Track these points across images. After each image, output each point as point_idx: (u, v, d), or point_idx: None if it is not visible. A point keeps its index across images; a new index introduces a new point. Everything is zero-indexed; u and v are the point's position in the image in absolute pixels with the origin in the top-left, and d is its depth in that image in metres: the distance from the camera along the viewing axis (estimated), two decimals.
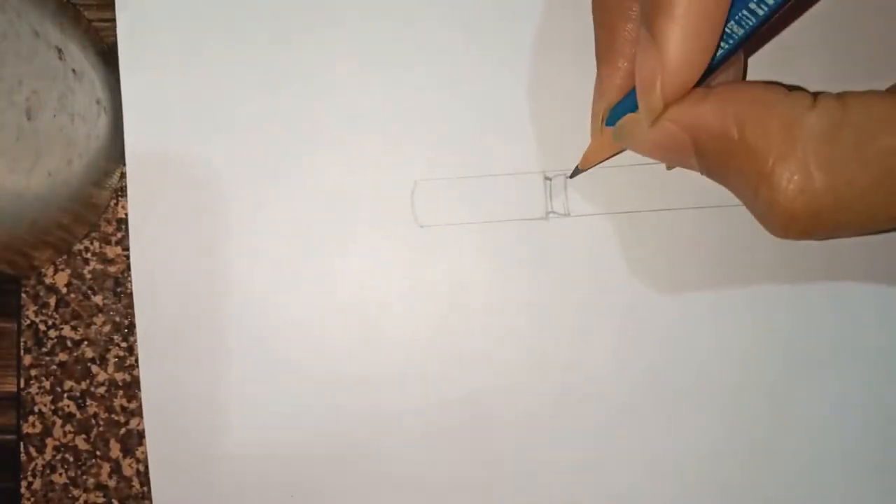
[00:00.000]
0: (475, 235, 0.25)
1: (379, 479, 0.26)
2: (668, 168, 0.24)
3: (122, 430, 0.27)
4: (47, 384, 0.27)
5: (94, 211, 0.27)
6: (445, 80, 0.26)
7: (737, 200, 0.22)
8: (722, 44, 0.19)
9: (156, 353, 0.26)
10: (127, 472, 0.27)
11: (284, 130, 0.26)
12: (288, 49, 0.26)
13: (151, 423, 0.26)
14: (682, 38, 0.18)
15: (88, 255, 0.27)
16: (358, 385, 0.26)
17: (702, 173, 0.20)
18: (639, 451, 0.25)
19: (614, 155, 0.24)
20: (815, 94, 0.18)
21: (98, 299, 0.27)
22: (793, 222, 0.18)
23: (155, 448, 0.26)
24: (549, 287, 0.25)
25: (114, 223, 0.27)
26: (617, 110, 0.21)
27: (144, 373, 0.26)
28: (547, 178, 0.25)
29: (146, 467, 0.26)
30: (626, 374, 0.25)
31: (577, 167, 0.24)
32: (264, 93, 0.26)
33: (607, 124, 0.22)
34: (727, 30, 0.19)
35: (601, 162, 0.24)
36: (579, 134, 0.25)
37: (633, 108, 0.20)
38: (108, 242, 0.27)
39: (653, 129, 0.19)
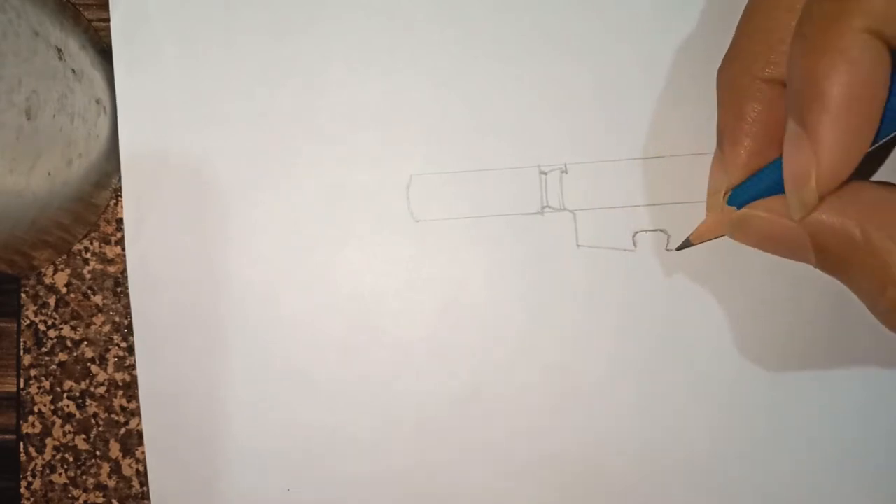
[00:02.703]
0: (471, 230, 0.26)
1: (374, 473, 0.26)
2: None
3: (122, 430, 0.27)
4: (47, 384, 0.27)
5: (93, 211, 0.27)
6: (441, 75, 0.26)
7: None
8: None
9: (153, 351, 0.26)
10: (127, 472, 0.27)
11: (280, 127, 0.26)
12: (283, 46, 0.26)
13: (149, 421, 0.26)
14: (837, 132, 0.17)
15: (88, 255, 0.27)
16: (354, 380, 0.26)
17: (818, 268, 0.20)
18: (637, 446, 0.25)
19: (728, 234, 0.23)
20: None
21: (98, 299, 0.27)
22: None
23: (153, 446, 0.26)
24: (544, 281, 0.25)
25: (113, 223, 0.27)
26: (741, 190, 0.21)
27: (142, 371, 0.26)
28: (542, 173, 0.25)
29: (146, 467, 0.26)
30: (623, 369, 0.25)
31: (687, 240, 0.24)
32: (260, 90, 0.26)
33: (730, 203, 0.22)
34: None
35: (714, 238, 0.23)
36: (575, 128, 0.25)
37: (759, 189, 0.20)
38: (108, 242, 0.27)
39: (771, 224, 0.19)
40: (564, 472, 0.25)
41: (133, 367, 0.26)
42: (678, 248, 0.24)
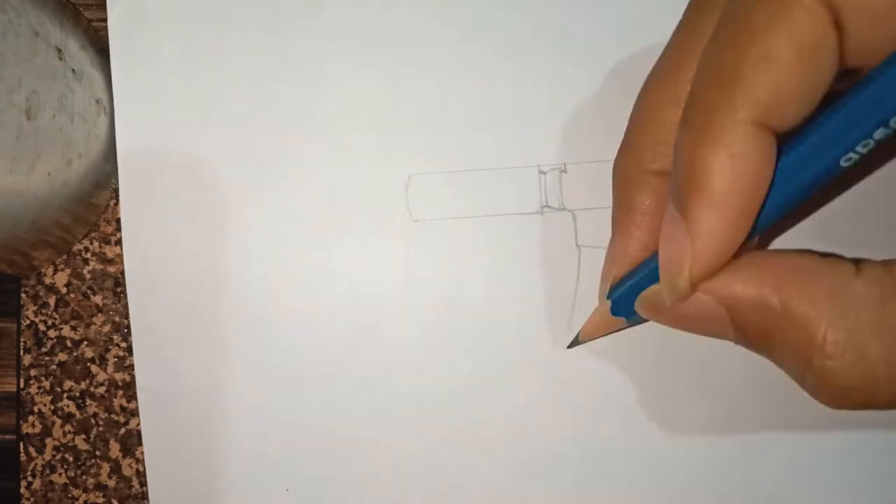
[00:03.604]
0: (470, 230, 0.26)
1: (374, 472, 0.26)
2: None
3: (122, 430, 0.27)
4: (47, 384, 0.27)
5: (93, 211, 0.27)
6: (440, 75, 0.26)
7: None
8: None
9: (151, 351, 0.26)
10: (126, 472, 0.27)
11: (279, 127, 0.26)
12: (281, 44, 0.26)
13: (148, 421, 0.26)
14: (715, 223, 0.17)
15: (88, 255, 0.27)
16: (353, 379, 0.26)
17: (739, 344, 0.19)
18: (637, 445, 0.25)
19: (618, 330, 0.23)
20: (856, 261, 0.18)
21: (98, 299, 0.27)
22: (850, 393, 0.17)
23: (151, 446, 0.26)
24: (544, 281, 0.25)
25: (113, 223, 0.27)
26: (627, 283, 0.21)
27: (140, 371, 0.26)
28: (542, 172, 0.25)
29: (146, 467, 0.26)
30: (623, 368, 0.25)
31: (576, 337, 0.24)
32: (258, 89, 0.26)
33: (608, 297, 0.22)
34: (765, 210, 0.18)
35: (605, 335, 0.23)
36: (574, 128, 0.25)
37: (647, 281, 0.20)
38: (108, 242, 0.27)
39: (686, 302, 0.19)
40: (564, 471, 0.25)
41: (133, 367, 0.26)
42: (569, 346, 0.24)
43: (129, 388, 0.27)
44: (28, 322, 0.27)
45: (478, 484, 0.26)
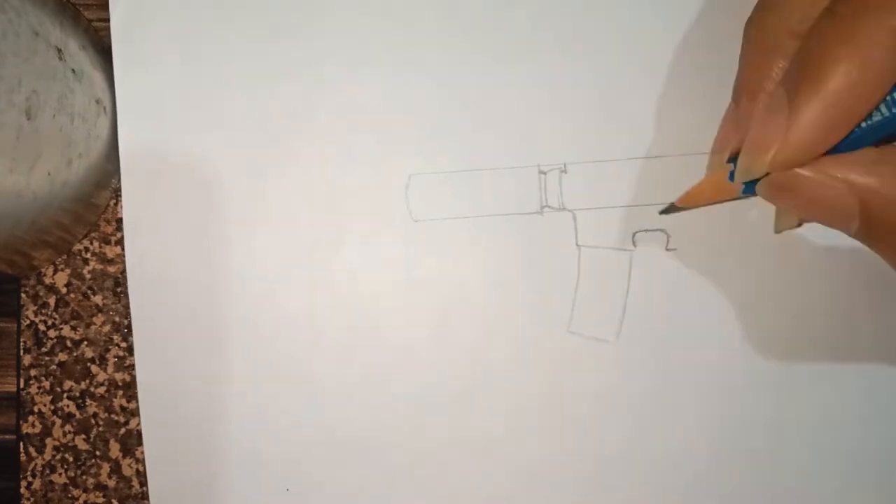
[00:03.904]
0: (470, 229, 0.26)
1: (373, 472, 0.26)
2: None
3: (122, 430, 0.27)
4: (47, 384, 0.27)
5: (93, 211, 0.27)
6: (440, 75, 0.26)
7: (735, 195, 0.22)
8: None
9: (152, 351, 0.26)
10: (126, 472, 0.27)
11: (279, 126, 0.26)
12: (282, 46, 0.26)
13: (148, 420, 0.26)
14: (819, 123, 0.17)
15: (88, 255, 0.27)
16: (353, 379, 0.26)
17: (856, 238, 0.19)
18: (635, 445, 0.25)
19: (727, 201, 0.21)
20: None
21: (98, 299, 0.27)
22: None
23: (152, 445, 0.26)
24: (543, 281, 0.25)
25: (113, 223, 0.27)
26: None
27: (141, 371, 0.26)
28: (542, 172, 0.25)
29: (146, 467, 0.26)
30: (623, 368, 0.25)
31: (672, 204, 0.22)
32: (258, 90, 0.26)
33: (729, 161, 0.20)
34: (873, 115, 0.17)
35: (709, 205, 0.21)
36: (574, 128, 0.25)
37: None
38: (108, 242, 0.27)
39: (816, 185, 0.18)
40: (564, 470, 0.25)
41: (133, 367, 0.26)
42: (662, 212, 0.22)
43: (129, 388, 0.27)
44: (28, 322, 0.27)
45: (478, 483, 0.26)
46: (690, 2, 0.25)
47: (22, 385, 0.27)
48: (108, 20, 0.26)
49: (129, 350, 0.27)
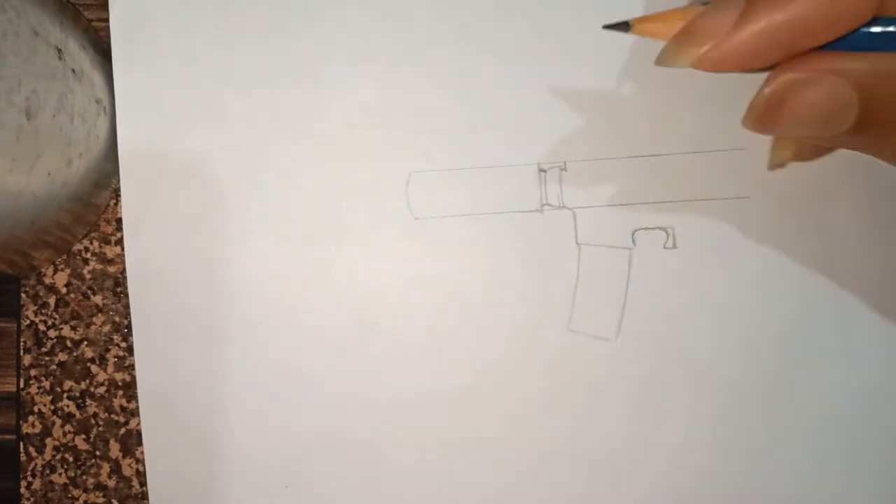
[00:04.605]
0: (470, 227, 0.26)
1: (372, 470, 0.26)
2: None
3: (122, 430, 0.27)
4: (47, 384, 0.27)
5: (93, 211, 0.27)
6: (440, 73, 0.26)
7: (734, 193, 0.22)
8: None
9: (152, 350, 0.26)
10: (126, 472, 0.27)
11: (279, 126, 0.26)
12: (282, 43, 0.26)
13: (148, 419, 0.26)
14: (766, 35, 0.16)
15: (88, 255, 0.27)
16: (353, 378, 0.26)
17: (850, 136, 0.17)
18: (635, 444, 0.25)
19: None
20: None
21: (98, 299, 0.27)
22: None
23: (152, 445, 0.26)
24: (543, 279, 0.25)
25: (113, 223, 0.27)
26: None
27: (141, 370, 0.26)
28: (542, 170, 0.26)
29: (146, 467, 0.26)
30: (623, 367, 0.25)
31: (625, 22, 0.20)
32: (258, 89, 0.26)
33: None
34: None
35: (662, 38, 0.19)
36: (574, 126, 0.25)
37: None
38: (108, 242, 0.27)
39: (816, 85, 0.17)
40: (564, 469, 0.25)
41: (133, 367, 0.26)
42: (605, 27, 0.20)
43: (129, 388, 0.27)
44: (28, 322, 0.27)
45: (477, 483, 0.26)
46: (690, 0, 0.25)
47: (22, 385, 0.27)
48: (108, 20, 0.26)
49: (129, 350, 0.27)
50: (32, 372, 0.27)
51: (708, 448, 0.25)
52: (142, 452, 0.26)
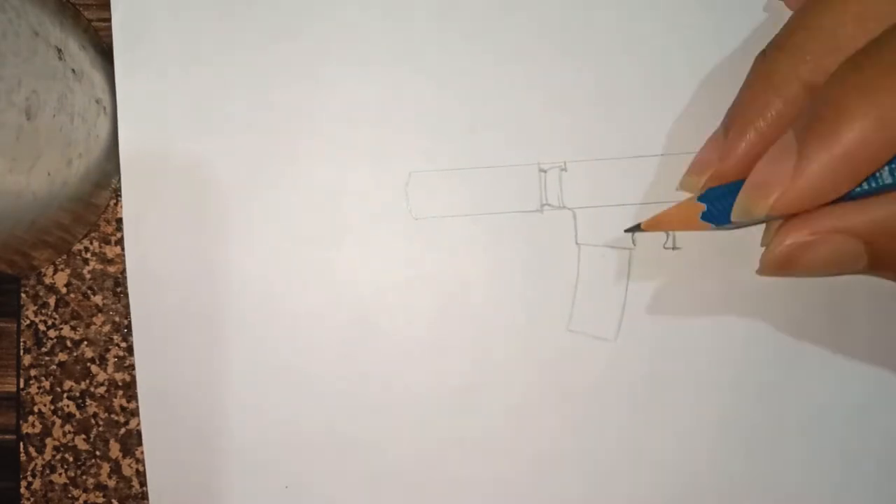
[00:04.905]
0: (470, 227, 0.26)
1: (372, 470, 0.26)
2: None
3: (122, 430, 0.27)
4: (47, 384, 0.27)
5: (93, 211, 0.27)
6: (440, 73, 0.26)
7: None
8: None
9: (152, 350, 0.26)
10: (126, 472, 0.27)
11: (279, 126, 0.26)
12: (282, 45, 0.26)
13: (148, 419, 0.26)
14: (826, 176, 0.17)
15: (88, 255, 0.27)
16: (352, 377, 0.26)
17: (863, 273, 0.18)
18: (634, 444, 0.25)
19: (689, 230, 0.21)
20: None
21: (98, 299, 0.27)
22: None
23: (151, 444, 0.26)
24: (543, 279, 0.25)
25: (113, 223, 0.27)
26: (720, 193, 0.19)
27: (141, 370, 0.26)
28: (542, 170, 0.26)
29: (146, 467, 0.26)
30: (622, 367, 0.25)
31: (637, 225, 0.21)
32: (259, 89, 0.26)
33: (701, 199, 0.20)
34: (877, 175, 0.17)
35: (676, 231, 0.21)
36: (575, 126, 0.25)
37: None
38: (108, 242, 0.27)
39: (822, 246, 0.18)
40: (563, 469, 0.25)
41: (133, 367, 0.26)
42: (627, 231, 0.22)
43: (129, 388, 0.27)
44: (28, 322, 0.27)
45: (477, 482, 0.26)
46: (691, 1, 0.25)
47: (22, 385, 0.27)
48: (108, 20, 0.26)
49: (130, 350, 0.27)
50: (32, 372, 0.27)
51: (707, 448, 0.25)
52: (142, 452, 0.26)
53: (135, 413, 0.27)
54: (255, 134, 0.26)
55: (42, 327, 0.27)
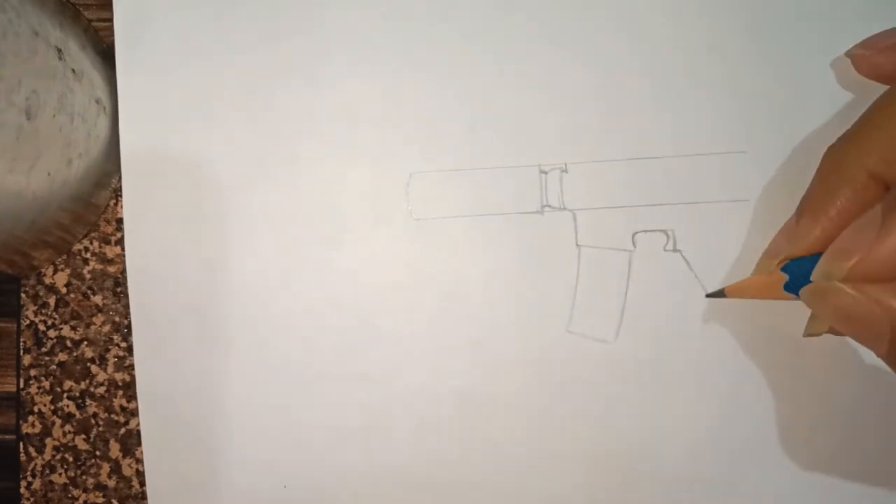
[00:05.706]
0: (470, 228, 0.26)
1: (372, 470, 0.26)
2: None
3: (122, 431, 0.27)
4: (47, 384, 0.27)
5: (93, 211, 0.27)
6: (441, 74, 0.26)
7: (734, 196, 0.22)
8: None
9: (151, 350, 0.26)
10: (126, 472, 0.27)
11: (279, 126, 0.26)
12: (282, 45, 0.26)
13: (147, 419, 0.26)
14: None
15: (88, 255, 0.27)
16: (352, 377, 0.26)
17: (884, 360, 0.20)
18: (636, 443, 0.25)
19: (769, 298, 0.23)
20: None
21: (98, 299, 0.27)
22: None
23: (150, 444, 0.26)
24: (543, 280, 0.25)
25: (113, 223, 0.27)
26: (801, 263, 0.21)
27: (140, 369, 0.26)
28: (542, 172, 0.26)
29: (145, 467, 0.26)
30: (622, 367, 0.25)
31: (721, 290, 0.23)
32: (259, 89, 0.26)
33: (783, 270, 0.21)
34: None
35: (751, 298, 0.23)
36: (575, 127, 0.25)
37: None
38: (108, 242, 0.27)
39: (853, 301, 0.19)
40: (563, 468, 0.26)
41: (133, 367, 0.26)
42: (708, 295, 0.24)
43: (129, 388, 0.27)
44: (28, 322, 0.27)
45: (477, 482, 0.26)
46: (691, 1, 0.25)
47: (22, 385, 0.27)
48: (108, 20, 0.26)
49: (130, 350, 0.27)
50: (32, 372, 0.27)
51: (707, 449, 0.25)
52: (142, 452, 0.26)
53: (135, 413, 0.27)
54: (255, 134, 0.26)
55: (42, 327, 0.27)
